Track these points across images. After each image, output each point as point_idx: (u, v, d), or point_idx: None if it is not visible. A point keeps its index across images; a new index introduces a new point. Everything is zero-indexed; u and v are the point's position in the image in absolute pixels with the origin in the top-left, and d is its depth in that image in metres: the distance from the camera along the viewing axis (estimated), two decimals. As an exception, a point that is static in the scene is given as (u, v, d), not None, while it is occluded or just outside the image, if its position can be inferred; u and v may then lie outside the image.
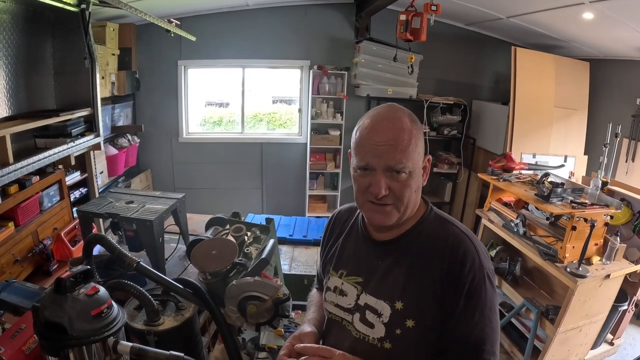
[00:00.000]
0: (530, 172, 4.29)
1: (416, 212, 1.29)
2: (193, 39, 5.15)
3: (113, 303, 1.25)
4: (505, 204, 4.17)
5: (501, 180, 4.04)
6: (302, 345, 1.24)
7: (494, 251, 3.94)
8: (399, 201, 1.20)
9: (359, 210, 1.37)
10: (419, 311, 1.18)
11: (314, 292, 1.68)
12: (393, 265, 1.25)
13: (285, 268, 3.63)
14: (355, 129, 1.23)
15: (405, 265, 1.23)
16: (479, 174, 4.60)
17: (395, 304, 1.21)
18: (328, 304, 1.40)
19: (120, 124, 5.30)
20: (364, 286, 1.29)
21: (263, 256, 1.70)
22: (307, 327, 1.41)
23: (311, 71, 5.77)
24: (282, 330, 1.88)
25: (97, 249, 1.96)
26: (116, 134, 5.20)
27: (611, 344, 3.87)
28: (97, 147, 3.73)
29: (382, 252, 1.29)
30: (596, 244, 3.30)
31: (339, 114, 5.93)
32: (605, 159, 3.71)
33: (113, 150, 4.93)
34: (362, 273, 1.32)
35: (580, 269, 3.12)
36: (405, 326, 1.19)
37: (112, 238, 1.95)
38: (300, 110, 6.29)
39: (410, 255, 1.24)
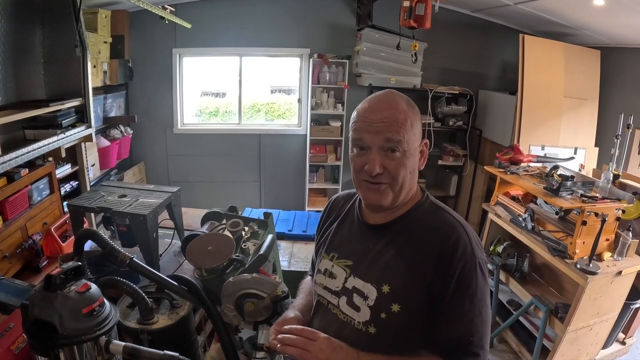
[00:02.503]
0: (539, 164, 4.28)
1: (412, 198, 1.34)
2: (188, 26, 5.12)
3: (105, 301, 1.25)
4: (513, 198, 4.16)
5: (509, 173, 4.03)
6: (288, 326, 1.29)
7: (501, 247, 3.93)
8: (394, 180, 1.25)
9: (356, 196, 1.45)
10: (405, 296, 1.22)
11: (307, 279, 1.74)
12: (383, 249, 1.30)
13: (284, 264, 3.63)
14: (354, 112, 1.30)
15: (395, 249, 1.28)
16: (485, 167, 4.58)
17: (382, 287, 1.25)
18: (317, 286, 1.45)
19: (112, 114, 5.28)
20: (353, 269, 1.35)
21: (261, 252, 1.70)
22: (290, 313, 1.46)
23: (311, 60, 5.73)
24: (281, 328, 1.87)
25: (89, 245, 1.95)
26: (108, 125, 5.18)
27: (623, 343, 3.88)
28: (88, 138, 3.72)
29: (374, 236, 1.35)
30: (607, 240, 3.29)
31: (340, 104, 5.90)
32: (617, 151, 3.69)
33: (105, 142, 4.92)
34: (352, 256, 1.37)
35: (591, 265, 3.12)
36: (390, 310, 1.23)
37: (104, 233, 1.95)
38: (299, 101, 6.27)
39: (401, 239, 1.29)
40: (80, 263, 1.24)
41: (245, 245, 1.82)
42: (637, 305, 3.61)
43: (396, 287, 1.24)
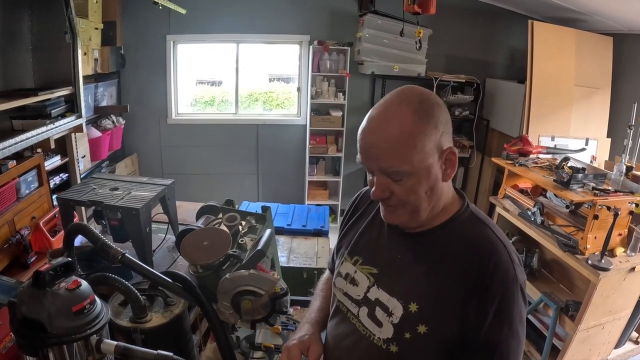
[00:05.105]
0: (549, 156, 4.26)
1: (448, 207, 1.24)
2: (183, 11, 5.10)
3: (96, 298, 1.24)
4: (522, 191, 4.15)
5: (517, 165, 4.02)
6: None
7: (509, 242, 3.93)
8: (405, 204, 1.17)
9: None
10: (434, 317, 1.16)
11: (325, 275, 1.70)
12: (414, 262, 1.23)
13: (282, 260, 3.62)
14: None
15: (428, 264, 1.20)
16: (493, 159, 4.58)
17: (410, 306, 1.18)
18: (337, 290, 1.40)
19: (103, 104, 5.27)
20: (378, 279, 1.27)
21: (259, 247, 1.69)
22: (315, 342, 1.38)
23: (311, 47, 5.72)
24: (280, 327, 1.87)
25: (79, 240, 1.94)
26: (99, 114, 5.17)
27: (636, 342, 3.88)
28: (78, 129, 3.71)
29: (403, 245, 1.27)
30: (620, 234, 3.28)
31: (341, 93, 5.87)
32: (630, 142, 3.67)
33: (96, 133, 4.91)
34: (378, 264, 1.30)
35: (603, 261, 3.11)
36: (416, 331, 1.16)
37: (95, 228, 1.94)
38: (299, 89, 6.26)
39: (435, 254, 1.21)
40: (70, 259, 1.23)
41: (242, 241, 1.80)
42: (650, 303, 3.61)
43: (425, 307, 1.17)
